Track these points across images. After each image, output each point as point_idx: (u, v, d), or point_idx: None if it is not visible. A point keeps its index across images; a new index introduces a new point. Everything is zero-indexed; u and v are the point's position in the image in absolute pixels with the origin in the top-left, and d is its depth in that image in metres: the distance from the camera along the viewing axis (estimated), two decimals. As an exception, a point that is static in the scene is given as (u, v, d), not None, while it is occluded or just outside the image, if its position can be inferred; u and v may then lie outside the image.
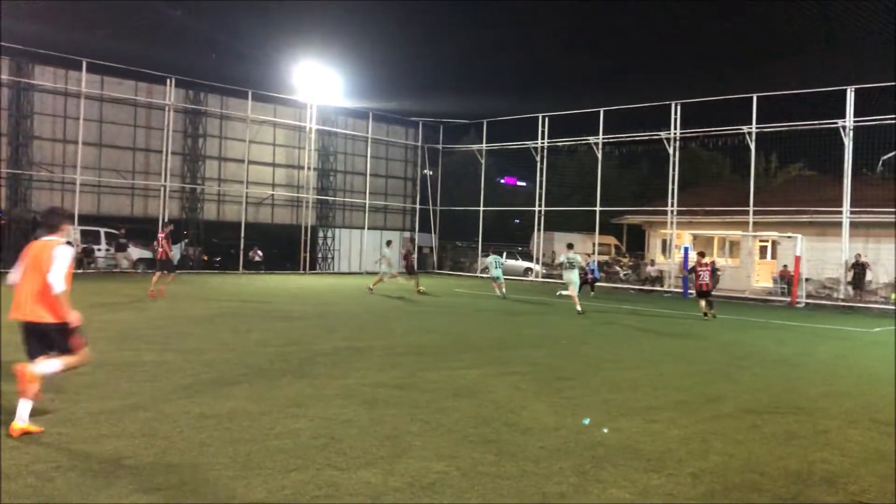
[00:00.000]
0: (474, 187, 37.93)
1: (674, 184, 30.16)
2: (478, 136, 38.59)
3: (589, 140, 33.19)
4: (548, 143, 34.82)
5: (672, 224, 30.47)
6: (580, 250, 21.37)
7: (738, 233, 30.19)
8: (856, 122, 25.57)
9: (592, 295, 24.83)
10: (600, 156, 32.71)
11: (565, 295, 19.40)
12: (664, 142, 30.48)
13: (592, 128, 32.83)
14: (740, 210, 28.52)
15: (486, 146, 37.52)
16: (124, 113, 29.89)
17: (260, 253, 33.15)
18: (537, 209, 35.01)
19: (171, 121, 30.34)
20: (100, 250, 28.46)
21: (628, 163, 42.07)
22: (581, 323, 16.84)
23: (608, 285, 31.12)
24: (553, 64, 31.95)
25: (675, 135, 30.24)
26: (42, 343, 5.92)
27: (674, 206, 30.19)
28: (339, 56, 29.92)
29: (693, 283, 19.53)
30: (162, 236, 19.45)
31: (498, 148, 37.73)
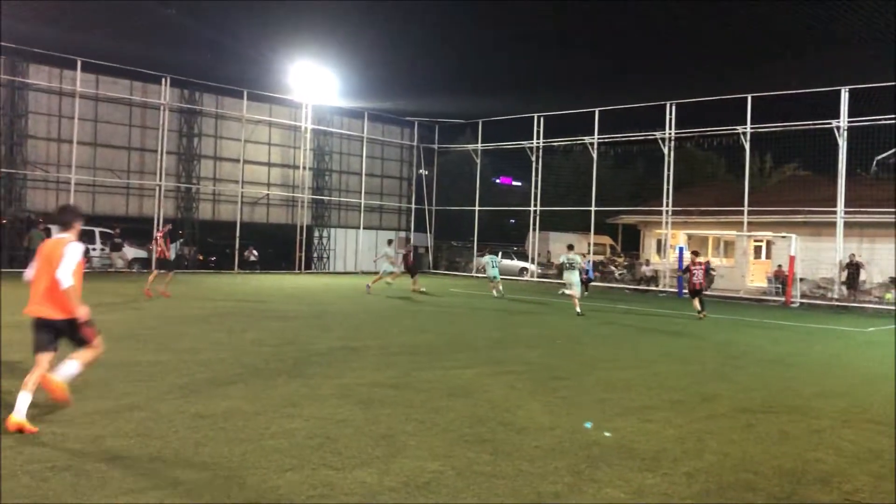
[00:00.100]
0: (470, 187, 37.89)
1: (669, 184, 30.21)
2: (473, 136, 38.59)
3: (584, 140, 33.23)
4: (543, 142, 34.83)
5: (667, 224, 30.51)
6: (576, 250, 21.36)
7: (733, 233, 30.26)
8: (850, 122, 25.65)
9: (587, 294, 24.82)
10: (595, 156, 32.73)
11: (567, 294, 19.41)
12: (659, 142, 30.52)
13: (588, 128, 32.88)
14: (735, 210, 28.58)
15: (482, 146, 37.52)
16: (119, 112, 29.79)
17: (255, 252, 33.13)
18: (532, 209, 35.02)
19: (167, 120, 30.25)
20: (94, 250, 28.39)
21: (623, 163, 42.23)
22: (576, 323, 16.87)
23: (603, 285, 31.16)
24: (548, 64, 31.94)
25: (670, 135, 30.30)
26: (50, 338, 6.08)
27: (669, 206, 30.24)
28: (335, 56, 29.85)
29: (687, 282, 19.59)
30: (160, 235, 19.45)
31: (493, 148, 37.73)
